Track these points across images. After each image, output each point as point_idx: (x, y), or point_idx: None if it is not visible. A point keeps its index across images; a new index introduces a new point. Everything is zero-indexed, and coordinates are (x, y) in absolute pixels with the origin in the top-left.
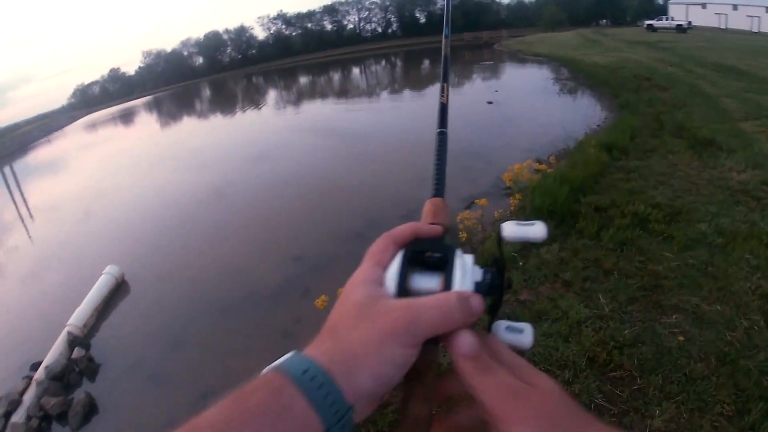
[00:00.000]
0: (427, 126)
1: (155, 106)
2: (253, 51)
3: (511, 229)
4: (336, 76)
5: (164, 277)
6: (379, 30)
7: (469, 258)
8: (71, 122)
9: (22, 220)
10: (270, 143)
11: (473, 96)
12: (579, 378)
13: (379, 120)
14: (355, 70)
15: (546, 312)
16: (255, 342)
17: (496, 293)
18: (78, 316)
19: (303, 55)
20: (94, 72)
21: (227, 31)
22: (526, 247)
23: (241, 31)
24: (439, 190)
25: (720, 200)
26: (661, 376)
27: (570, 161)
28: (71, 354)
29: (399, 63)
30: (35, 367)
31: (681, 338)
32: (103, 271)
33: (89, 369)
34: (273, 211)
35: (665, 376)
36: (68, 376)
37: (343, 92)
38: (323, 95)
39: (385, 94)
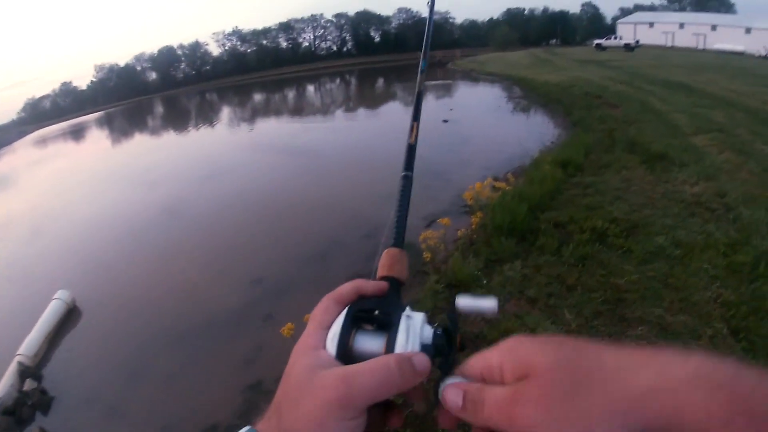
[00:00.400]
0: (385, 144)
1: (107, 122)
2: (208, 67)
3: (465, 302)
4: (291, 94)
5: (118, 302)
6: (334, 48)
7: (418, 317)
8: (21, 137)
9: None
10: (225, 161)
11: (429, 115)
12: None
13: (336, 138)
14: (311, 88)
15: (513, 330)
16: (216, 370)
17: (447, 356)
18: (28, 345)
19: (258, 72)
20: (45, 86)
21: (181, 46)
22: (490, 264)
23: (196, 46)
24: (398, 239)
25: (675, 213)
26: None
27: (527, 178)
28: (23, 386)
29: (354, 81)
30: None
31: None
32: (54, 297)
33: (42, 402)
34: (230, 232)
35: None
36: (20, 410)
37: (299, 110)
38: (279, 112)
39: (340, 112)
